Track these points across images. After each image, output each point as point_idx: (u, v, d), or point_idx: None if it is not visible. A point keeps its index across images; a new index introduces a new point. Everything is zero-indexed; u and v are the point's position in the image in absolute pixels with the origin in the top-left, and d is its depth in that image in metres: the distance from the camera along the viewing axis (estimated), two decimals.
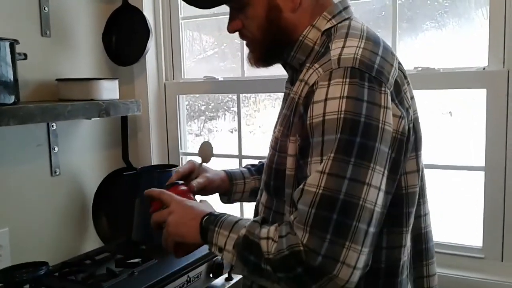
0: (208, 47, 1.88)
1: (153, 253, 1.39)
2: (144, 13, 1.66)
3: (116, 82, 1.55)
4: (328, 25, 0.90)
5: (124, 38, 1.68)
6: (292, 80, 0.96)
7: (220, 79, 1.72)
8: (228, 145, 1.81)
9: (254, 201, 1.07)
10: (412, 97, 0.88)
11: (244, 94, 1.75)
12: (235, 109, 1.76)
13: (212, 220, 0.87)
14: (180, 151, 1.83)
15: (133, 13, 1.65)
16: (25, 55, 1.31)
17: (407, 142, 0.82)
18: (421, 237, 0.93)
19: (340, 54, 0.80)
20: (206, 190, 1.10)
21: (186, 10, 1.80)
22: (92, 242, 1.66)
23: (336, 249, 0.71)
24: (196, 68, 1.86)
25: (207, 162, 1.13)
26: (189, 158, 1.86)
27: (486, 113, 1.30)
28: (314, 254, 0.71)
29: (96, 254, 1.46)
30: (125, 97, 1.68)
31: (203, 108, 1.96)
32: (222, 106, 1.93)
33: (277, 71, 1.58)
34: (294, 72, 0.95)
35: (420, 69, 1.39)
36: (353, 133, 0.74)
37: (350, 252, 0.71)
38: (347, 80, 0.76)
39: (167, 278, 1.26)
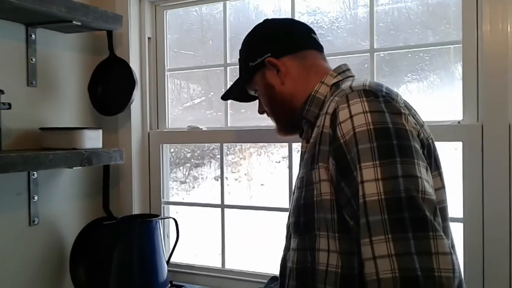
0: (195, 95, 1.92)
1: None
2: (131, 65, 1.70)
3: (100, 131, 1.56)
4: (335, 80, 1.02)
5: (110, 88, 1.71)
6: (307, 137, 1.04)
7: (204, 128, 1.75)
8: (213, 193, 1.81)
9: None
10: (423, 124, 0.94)
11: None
12: None
13: None
14: (162, 200, 1.82)
15: (119, 65, 1.68)
16: (9, 104, 1.33)
17: (429, 154, 0.89)
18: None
19: (350, 85, 0.91)
20: None
21: (172, 62, 1.85)
22: None
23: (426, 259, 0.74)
24: (183, 115, 1.88)
25: None
26: (171, 207, 1.86)
27: (462, 165, 1.33)
28: (410, 268, 0.73)
29: None
30: (109, 146, 1.69)
31: (188, 155, 1.97)
32: (208, 153, 1.94)
33: (260, 122, 1.63)
34: (310, 127, 1.03)
35: None
36: (388, 138, 0.80)
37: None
38: (364, 98, 0.85)
39: None
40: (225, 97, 1.29)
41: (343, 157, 0.84)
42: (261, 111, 1.20)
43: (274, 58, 1.08)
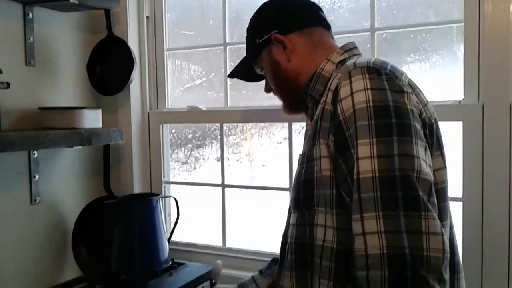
0: (196, 76, 1.91)
1: (132, 283, 1.37)
2: (129, 44, 1.69)
3: (99, 111, 1.56)
4: (341, 58, 1.02)
5: (109, 68, 1.70)
6: (312, 114, 1.03)
7: (204, 109, 1.74)
8: (214, 174, 1.81)
9: None
10: (427, 103, 0.94)
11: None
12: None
13: None
14: (163, 179, 1.83)
15: (118, 44, 1.67)
16: (8, 84, 1.32)
17: (431, 133, 0.88)
18: (454, 250, 0.95)
19: (354, 62, 0.90)
20: None
21: (172, 41, 1.84)
22: (71, 271, 1.64)
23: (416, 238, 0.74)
24: (184, 96, 1.88)
25: (216, 281, 1.37)
26: (172, 187, 1.87)
27: (462, 145, 1.33)
28: (399, 246, 0.73)
29: (74, 284, 1.44)
30: (108, 126, 1.69)
31: (190, 136, 1.97)
32: (209, 134, 1.94)
33: (261, 102, 1.62)
34: (314, 105, 1.03)
35: None
36: (387, 116, 0.80)
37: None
38: (366, 75, 0.84)
39: None
40: (231, 75, 1.28)
41: (342, 134, 0.84)
42: (267, 89, 1.18)
43: (281, 35, 1.07)
